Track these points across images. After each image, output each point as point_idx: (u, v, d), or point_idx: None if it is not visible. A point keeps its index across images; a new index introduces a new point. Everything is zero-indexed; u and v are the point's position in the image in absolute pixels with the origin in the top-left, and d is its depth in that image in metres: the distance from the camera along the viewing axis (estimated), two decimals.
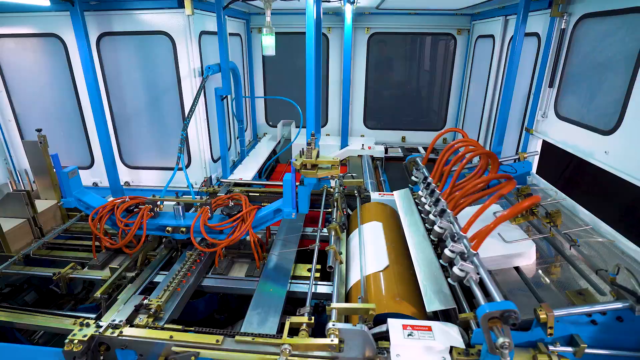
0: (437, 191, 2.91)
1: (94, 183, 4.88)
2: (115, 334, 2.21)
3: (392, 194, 4.16)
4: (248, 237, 3.00)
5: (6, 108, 4.53)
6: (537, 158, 3.89)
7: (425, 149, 6.51)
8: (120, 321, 2.29)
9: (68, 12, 3.99)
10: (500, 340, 1.66)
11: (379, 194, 4.11)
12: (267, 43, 3.88)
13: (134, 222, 2.91)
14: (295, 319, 2.22)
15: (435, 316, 2.43)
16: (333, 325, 2.04)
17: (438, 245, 2.95)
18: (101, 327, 2.25)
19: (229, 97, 5.07)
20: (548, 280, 2.57)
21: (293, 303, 2.69)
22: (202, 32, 4.37)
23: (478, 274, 2.09)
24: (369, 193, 4.02)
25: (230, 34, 5.32)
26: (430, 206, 2.93)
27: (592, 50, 3.20)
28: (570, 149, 3.37)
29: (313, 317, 2.22)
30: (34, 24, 4.14)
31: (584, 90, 3.32)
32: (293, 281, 2.80)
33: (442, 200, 2.75)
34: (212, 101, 4.68)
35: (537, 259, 2.73)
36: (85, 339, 2.17)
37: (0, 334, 3.03)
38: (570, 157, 3.42)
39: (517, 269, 2.71)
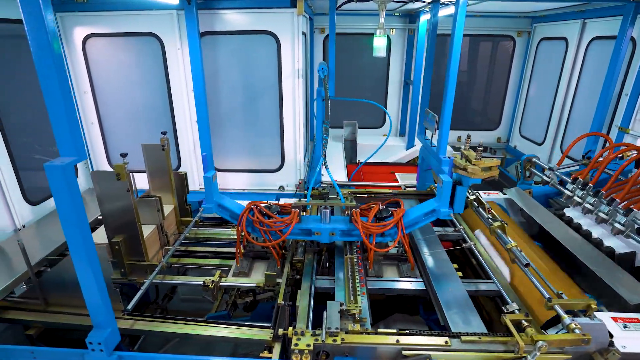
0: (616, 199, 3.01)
1: None
2: (337, 342, 2.17)
3: (497, 193, 4.29)
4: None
5: (90, 110, 4.28)
6: None
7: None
8: (337, 328, 2.24)
9: (170, 11, 3.87)
10: None
11: (485, 193, 4.21)
12: (380, 44, 3.88)
13: (284, 222, 2.89)
14: (513, 317, 2.25)
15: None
16: (572, 320, 2.08)
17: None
18: (318, 335, 2.20)
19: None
20: None
21: None
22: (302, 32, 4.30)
23: None
24: (476, 192, 4.09)
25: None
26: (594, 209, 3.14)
27: None
28: None
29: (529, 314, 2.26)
30: (131, 23, 3.93)
31: None
32: (464, 281, 2.82)
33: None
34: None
35: None
36: (310, 348, 2.13)
37: None
38: None
39: None
